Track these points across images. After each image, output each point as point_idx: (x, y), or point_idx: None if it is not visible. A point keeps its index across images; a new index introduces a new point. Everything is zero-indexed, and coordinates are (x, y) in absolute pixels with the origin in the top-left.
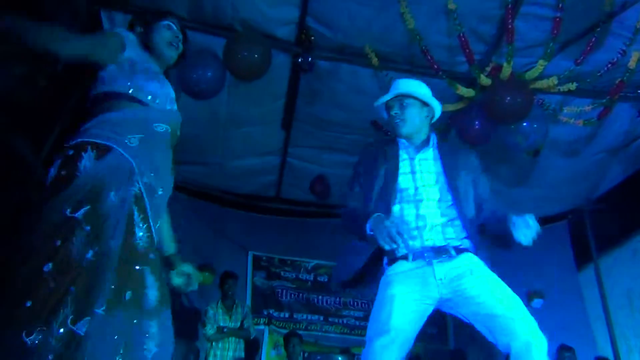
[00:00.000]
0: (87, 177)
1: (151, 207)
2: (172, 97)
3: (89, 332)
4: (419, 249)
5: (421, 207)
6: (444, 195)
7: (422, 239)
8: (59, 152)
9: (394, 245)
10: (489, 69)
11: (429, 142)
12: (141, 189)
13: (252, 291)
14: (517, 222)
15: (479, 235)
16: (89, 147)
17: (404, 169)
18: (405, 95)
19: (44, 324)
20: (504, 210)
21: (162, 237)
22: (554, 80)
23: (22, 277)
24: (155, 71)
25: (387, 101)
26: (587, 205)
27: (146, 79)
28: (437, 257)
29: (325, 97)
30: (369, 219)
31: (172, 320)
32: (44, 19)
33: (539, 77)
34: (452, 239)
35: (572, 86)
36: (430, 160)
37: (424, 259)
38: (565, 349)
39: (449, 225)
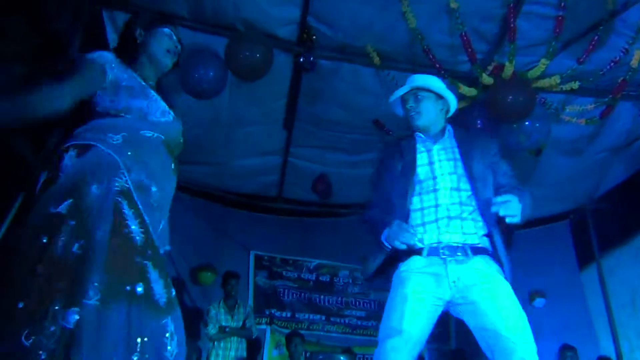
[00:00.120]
0: (68, 174)
1: (144, 204)
2: (164, 108)
3: (80, 325)
4: (435, 244)
5: (440, 197)
6: (462, 183)
7: (438, 232)
8: (50, 159)
9: (410, 242)
10: (491, 68)
11: (445, 133)
12: (129, 183)
13: (254, 291)
14: (500, 199)
15: (499, 225)
16: (71, 148)
17: (422, 160)
18: (420, 88)
19: (36, 324)
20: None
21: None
22: (556, 79)
23: (13, 278)
24: (140, 87)
25: (402, 95)
26: (589, 204)
27: (130, 97)
28: (453, 256)
29: (326, 96)
30: (384, 230)
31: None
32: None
33: (541, 76)
34: (471, 235)
35: (575, 85)
36: (447, 148)
37: (439, 255)
38: (567, 348)
39: (469, 219)
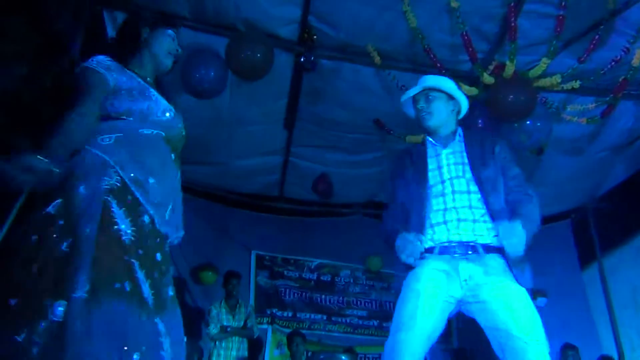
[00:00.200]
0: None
1: (144, 197)
2: (165, 107)
3: (68, 316)
4: (445, 242)
5: (449, 201)
6: (471, 186)
7: (448, 234)
8: None
9: (416, 256)
10: (491, 67)
11: (455, 136)
12: (121, 181)
13: (256, 290)
14: (502, 231)
15: None
16: None
17: (432, 165)
18: (431, 88)
19: (27, 321)
20: (514, 206)
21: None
22: (557, 78)
23: (5, 276)
24: (140, 87)
25: (414, 95)
26: (590, 203)
27: (131, 100)
28: (464, 254)
29: (327, 96)
30: (396, 241)
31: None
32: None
33: (542, 75)
34: (482, 235)
35: (576, 84)
36: (456, 152)
37: (451, 254)
38: (569, 347)
39: (480, 221)
